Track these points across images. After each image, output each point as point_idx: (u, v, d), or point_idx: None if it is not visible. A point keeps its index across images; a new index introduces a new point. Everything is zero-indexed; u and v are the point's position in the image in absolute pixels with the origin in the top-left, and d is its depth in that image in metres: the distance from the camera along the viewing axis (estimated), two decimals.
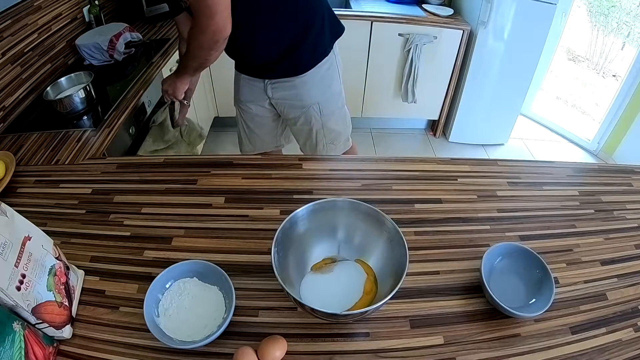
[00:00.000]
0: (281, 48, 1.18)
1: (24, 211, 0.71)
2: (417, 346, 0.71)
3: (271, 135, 1.52)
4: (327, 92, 1.31)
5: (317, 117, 1.34)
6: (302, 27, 1.17)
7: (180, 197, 1.01)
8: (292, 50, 1.18)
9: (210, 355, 0.69)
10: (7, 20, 1.43)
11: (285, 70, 1.24)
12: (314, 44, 1.21)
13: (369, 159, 1.18)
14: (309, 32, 1.17)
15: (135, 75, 1.64)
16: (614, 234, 0.95)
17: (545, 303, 0.72)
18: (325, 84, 1.29)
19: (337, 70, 1.32)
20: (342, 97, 1.39)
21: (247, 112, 1.44)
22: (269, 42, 1.17)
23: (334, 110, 1.37)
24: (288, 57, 1.20)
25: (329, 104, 1.34)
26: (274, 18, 1.13)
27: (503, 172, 1.11)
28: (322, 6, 1.21)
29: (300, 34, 1.17)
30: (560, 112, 3.12)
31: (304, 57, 1.22)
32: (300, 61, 1.22)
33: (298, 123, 1.37)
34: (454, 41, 2.35)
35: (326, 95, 1.31)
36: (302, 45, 1.18)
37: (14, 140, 1.27)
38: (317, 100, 1.30)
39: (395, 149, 2.74)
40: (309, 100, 1.29)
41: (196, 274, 0.77)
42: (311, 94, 1.28)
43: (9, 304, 0.61)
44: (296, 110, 1.34)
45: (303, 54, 1.20)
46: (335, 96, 1.35)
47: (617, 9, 2.89)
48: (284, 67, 1.23)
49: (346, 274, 0.79)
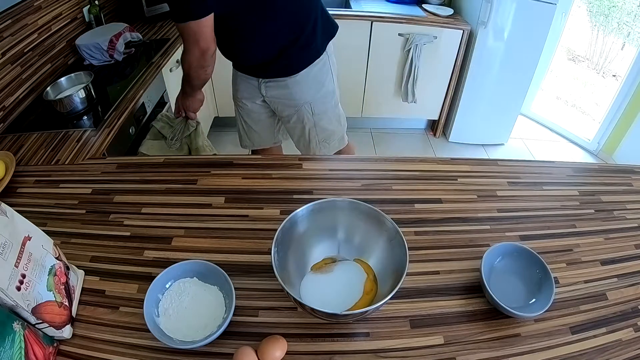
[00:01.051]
0: (275, 50, 1.21)
1: (24, 211, 0.71)
2: (417, 346, 0.71)
3: (268, 131, 1.55)
4: (320, 91, 1.32)
5: (309, 116, 1.35)
6: (295, 29, 1.19)
7: (180, 197, 1.01)
8: (285, 51, 1.21)
9: (210, 355, 0.69)
10: (7, 20, 1.43)
11: (278, 70, 1.27)
12: (307, 45, 1.23)
13: (369, 159, 1.18)
14: (302, 34, 1.20)
15: (135, 75, 1.64)
16: (614, 234, 0.95)
17: (545, 303, 0.72)
18: (318, 83, 1.30)
19: (331, 70, 1.33)
20: (335, 96, 1.40)
21: (244, 108, 1.47)
22: (263, 45, 1.21)
23: (327, 109, 1.38)
24: (281, 58, 1.23)
25: (321, 104, 1.35)
26: (268, 22, 1.16)
27: (503, 172, 1.11)
28: (316, 7, 1.23)
29: (293, 36, 1.19)
30: (560, 112, 3.12)
31: (297, 58, 1.24)
32: (292, 61, 1.24)
33: (291, 121, 1.40)
34: (454, 41, 2.35)
35: (318, 94, 1.32)
36: (295, 46, 1.21)
37: (14, 140, 1.27)
38: (309, 99, 1.32)
39: (395, 149, 2.74)
40: (301, 99, 1.31)
41: (196, 274, 0.77)
42: (303, 94, 1.30)
43: (9, 304, 0.61)
44: (289, 108, 1.36)
45: (295, 54, 1.23)
46: (328, 96, 1.36)
47: (618, 9, 2.89)
48: (277, 68, 1.27)
49: (346, 274, 0.79)
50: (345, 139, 1.54)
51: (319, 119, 1.37)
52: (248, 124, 1.52)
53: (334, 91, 1.38)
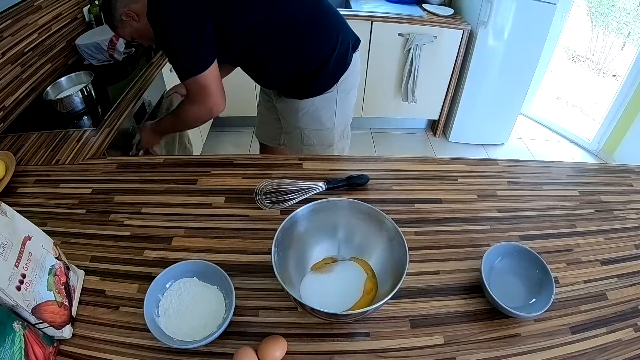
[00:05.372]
0: (286, 79, 1.23)
1: (24, 211, 0.71)
2: (417, 346, 0.71)
3: (272, 129, 1.55)
4: (313, 124, 1.30)
5: (298, 141, 1.35)
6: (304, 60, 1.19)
7: (180, 197, 1.01)
8: (293, 81, 1.23)
9: (210, 355, 0.69)
10: (7, 20, 1.43)
11: (288, 92, 1.29)
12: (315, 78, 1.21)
13: (369, 159, 1.18)
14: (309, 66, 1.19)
15: (135, 75, 1.64)
16: (614, 234, 0.95)
17: (545, 303, 0.72)
18: (315, 116, 1.28)
19: (335, 108, 1.28)
20: (332, 135, 1.33)
21: (261, 102, 1.54)
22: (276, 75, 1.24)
23: (317, 145, 1.34)
24: (289, 86, 1.25)
25: (311, 136, 1.32)
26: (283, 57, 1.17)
27: (503, 172, 1.11)
28: (332, 48, 1.19)
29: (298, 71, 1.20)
30: (560, 112, 3.12)
31: (304, 87, 1.23)
32: (300, 88, 1.24)
33: (287, 132, 1.42)
34: (454, 41, 2.35)
35: (311, 126, 1.30)
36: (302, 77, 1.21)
37: (14, 140, 1.27)
38: (302, 126, 1.31)
39: (395, 149, 2.74)
40: (295, 122, 1.31)
41: (196, 274, 0.77)
42: (298, 119, 1.29)
43: (9, 304, 0.61)
44: (287, 125, 1.38)
45: (304, 83, 1.22)
46: (322, 132, 1.32)
47: (617, 8, 2.89)
48: (287, 91, 1.28)
49: (346, 273, 0.79)
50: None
51: (306, 149, 1.36)
52: (260, 116, 1.58)
53: (332, 130, 1.32)
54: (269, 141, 1.63)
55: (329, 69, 1.20)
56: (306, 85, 1.22)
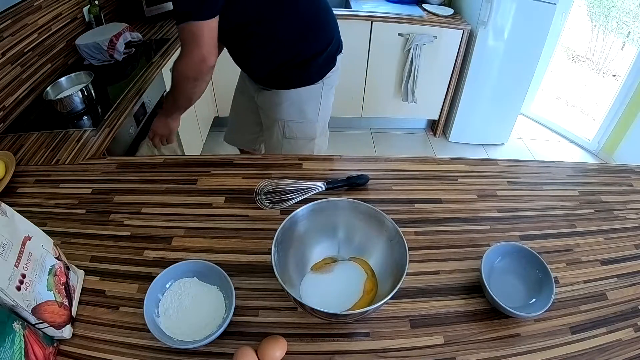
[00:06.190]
0: (271, 68, 1.23)
1: (24, 211, 0.71)
2: (417, 346, 0.71)
3: (248, 133, 1.55)
4: (297, 116, 1.29)
5: (279, 134, 1.32)
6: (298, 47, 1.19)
7: (180, 197, 1.01)
8: (280, 68, 1.22)
9: (210, 355, 0.69)
10: (7, 20, 1.43)
11: (272, 82, 1.28)
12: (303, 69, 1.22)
13: (369, 159, 1.18)
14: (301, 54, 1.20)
15: (135, 75, 1.64)
16: (614, 234, 0.95)
17: (545, 303, 0.72)
18: (300, 108, 1.28)
19: (320, 101, 1.29)
20: (314, 129, 1.33)
21: (236, 99, 1.51)
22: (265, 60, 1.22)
23: (299, 138, 1.33)
24: (276, 74, 1.25)
25: (294, 128, 1.31)
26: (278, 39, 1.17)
27: (503, 172, 1.11)
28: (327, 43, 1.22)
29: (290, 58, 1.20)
30: (560, 112, 3.12)
31: (291, 75, 1.24)
32: (287, 77, 1.24)
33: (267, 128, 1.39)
34: (454, 41, 2.35)
35: (294, 118, 1.29)
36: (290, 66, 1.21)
37: (14, 140, 1.27)
38: (285, 118, 1.29)
39: (395, 149, 2.74)
40: (278, 115, 1.29)
41: (196, 274, 0.77)
42: (282, 111, 1.28)
43: (9, 304, 0.61)
44: (267, 119, 1.36)
45: (291, 71, 1.23)
46: (304, 124, 1.31)
47: (617, 8, 2.89)
48: (272, 80, 1.28)
49: (346, 273, 0.79)
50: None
51: (286, 143, 1.34)
52: (235, 117, 1.55)
53: (315, 123, 1.32)
54: (242, 144, 1.62)
55: (318, 62, 1.22)
56: (294, 74, 1.23)
